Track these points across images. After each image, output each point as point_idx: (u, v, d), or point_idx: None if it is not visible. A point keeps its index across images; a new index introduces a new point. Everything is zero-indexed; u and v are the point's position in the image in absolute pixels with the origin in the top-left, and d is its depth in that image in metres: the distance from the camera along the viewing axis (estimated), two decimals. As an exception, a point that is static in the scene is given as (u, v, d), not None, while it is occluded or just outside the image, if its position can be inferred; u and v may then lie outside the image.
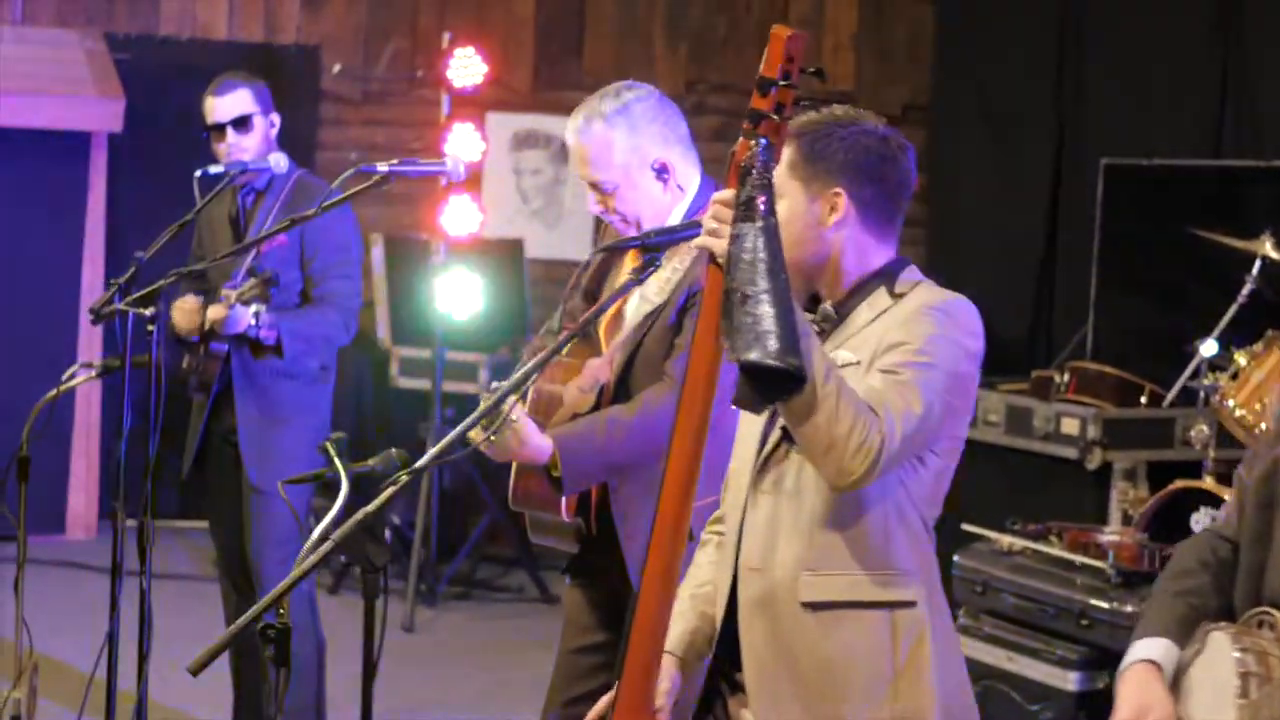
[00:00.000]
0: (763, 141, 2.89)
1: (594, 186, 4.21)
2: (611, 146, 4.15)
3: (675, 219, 4.18)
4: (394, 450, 3.63)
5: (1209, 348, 6.46)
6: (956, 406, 3.18)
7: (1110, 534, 5.99)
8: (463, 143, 8.26)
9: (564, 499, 4.17)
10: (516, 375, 3.55)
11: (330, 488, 3.67)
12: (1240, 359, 6.16)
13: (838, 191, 3.22)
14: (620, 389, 4.19)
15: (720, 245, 2.93)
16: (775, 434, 3.23)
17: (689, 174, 4.24)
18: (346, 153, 9.12)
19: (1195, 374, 6.71)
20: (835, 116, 3.27)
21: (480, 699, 7.08)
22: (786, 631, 3.20)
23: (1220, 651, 2.57)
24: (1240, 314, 6.82)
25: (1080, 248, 8.44)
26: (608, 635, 4.30)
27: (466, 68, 8.26)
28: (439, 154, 8.02)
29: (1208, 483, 5.99)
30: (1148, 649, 2.72)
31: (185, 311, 5.54)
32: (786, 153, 3.19)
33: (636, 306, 4.16)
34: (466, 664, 7.54)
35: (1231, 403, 6.08)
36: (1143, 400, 7.28)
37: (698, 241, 3.00)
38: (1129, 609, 5.52)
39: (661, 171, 4.18)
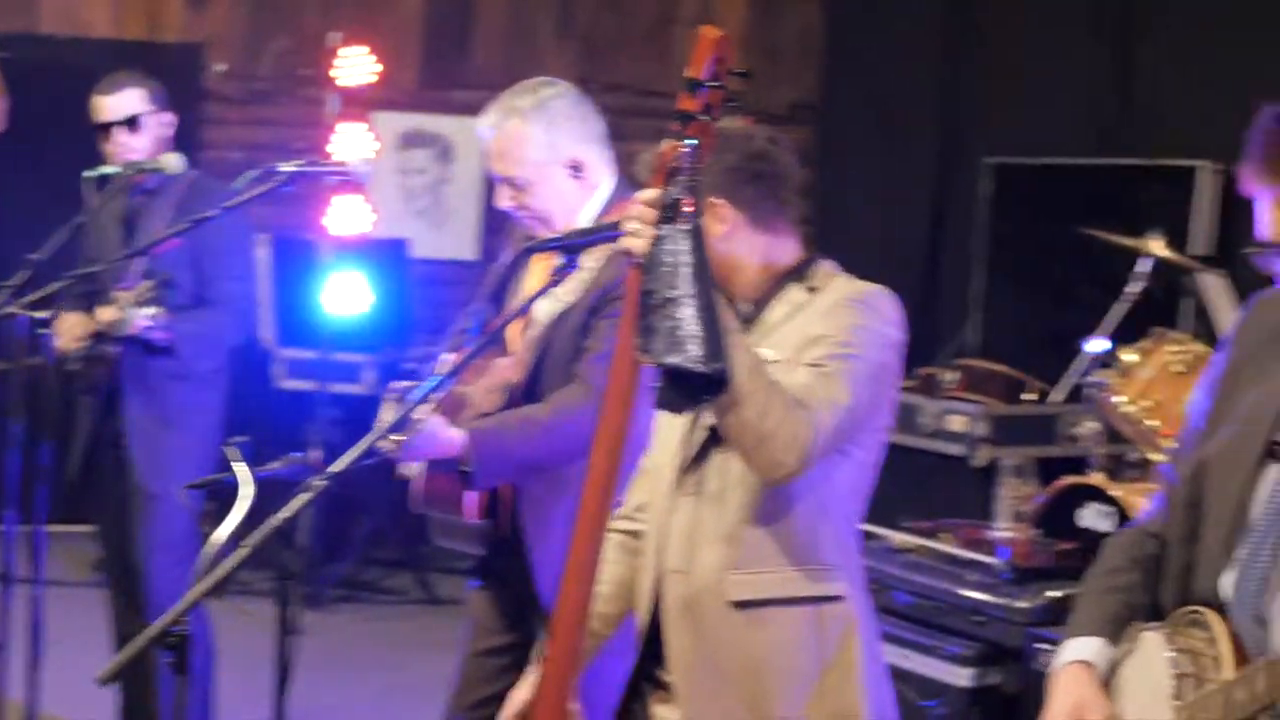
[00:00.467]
0: (691, 143, 2.88)
1: (507, 182, 4.18)
2: (527, 142, 4.13)
3: (587, 217, 4.17)
4: (299, 452, 3.60)
5: (1097, 345, 6.51)
6: (881, 396, 3.20)
7: (1002, 530, 6.01)
8: (351, 142, 8.18)
9: (470, 501, 4.14)
10: (433, 378, 3.51)
11: (221, 491, 3.64)
12: (1128, 356, 6.22)
13: (718, 201, 3.23)
14: (529, 390, 4.16)
15: (641, 246, 2.92)
16: (698, 436, 3.22)
17: (603, 173, 4.23)
18: (229, 153, 9.01)
19: (1084, 371, 6.78)
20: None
21: (372, 702, 7.04)
22: (715, 632, 3.20)
23: (1153, 652, 2.57)
24: (1129, 312, 6.89)
25: (967, 246, 8.51)
26: (514, 637, 4.29)
27: (356, 67, 8.19)
28: (325, 154, 7.96)
29: (1096, 479, 6.03)
30: (1081, 649, 2.71)
31: (69, 329, 5.45)
32: None
33: (547, 307, 4.14)
34: (355, 667, 7.49)
35: (1120, 399, 6.13)
36: (1030, 397, 7.33)
37: (620, 243, 2.98)
38: (1021, 605, 5.55)
39: (576, 169, 4.17)
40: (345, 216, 8.19)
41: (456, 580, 8.72)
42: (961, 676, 5.57)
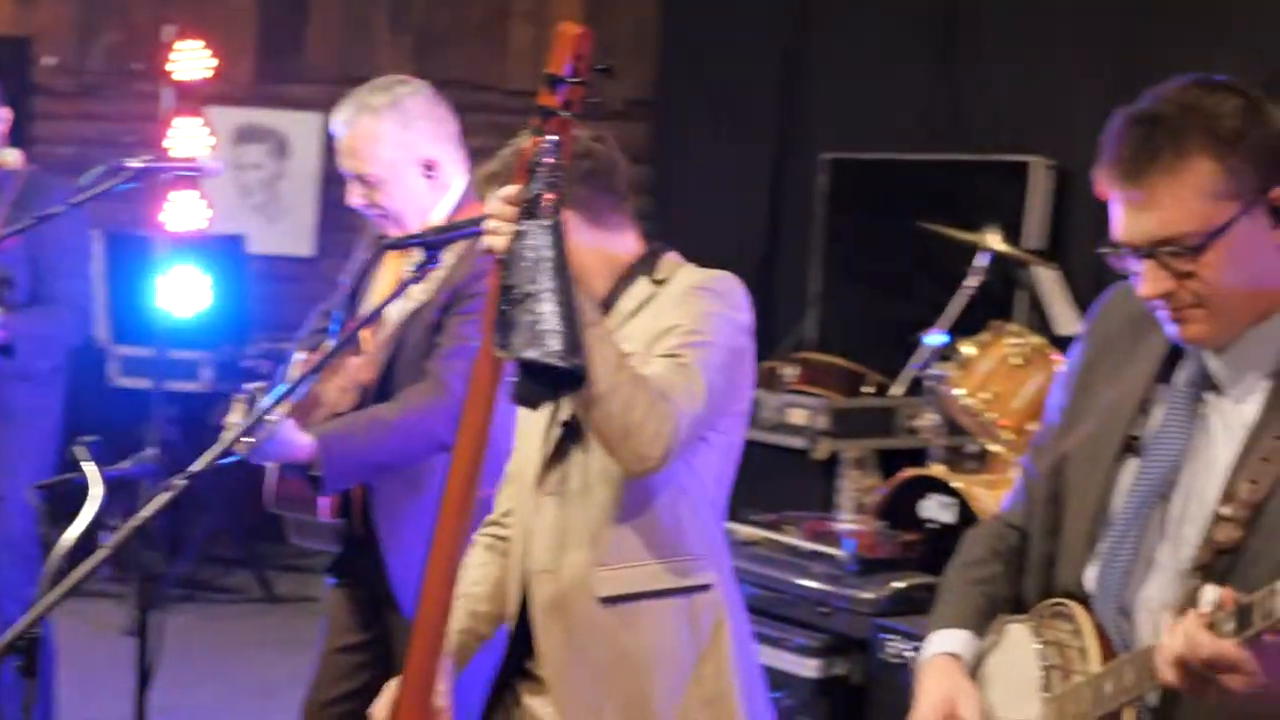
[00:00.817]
0: (551, 139, 2.88)
1: (359, 179, 4.16)
2: (379, 140, 4.12)
3: (439, 216, 4.16)
4: (148, 451, 3.56)
5: (936, 338, 6.60)
6: (737, 381, 3.22)
7: (847, 522, 6.08)
8: (186, 137, 8.07)
9: (323, 500, 4.12)
10: (290, 380, 3.49)
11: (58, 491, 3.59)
12: (967, 349, 6.31)
13: None
14: (382, 388, 4.15)
15: (501, 244, 2.91)
16: (556, 434, 3.22)
17: (455, 171, 4.22)
18: (60, 148, 8.87)
19: (923, 364, 6.86)
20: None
21: (212, 702, 6.96)
22: (585, 631, 3.21)
23: (1020, 644, 2.60)
24: (966, 305, 6.99)
25: (804, 240, 8.57)
26: (370, 634, 4.28)
27: (190, 61, 8.07)
28: (159, 149, 7.85)
29: (937, 470, 6.12)
30: (947, 641, 2.72)
31: None
32: None
33: (398, 305, 4.12)
34: (196, 667, 7.40)
35: (959, 392, 6.22)
36: (869, 390, 7.42)
37: (481, 240, 2.98)
38: (867, 596, 5.61)
39: (428, 168, 4.16)
40: (180, 212, 8.08)
41: (296, 578, 8.66)
42: (808, 668, 5.62)
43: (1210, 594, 2.16)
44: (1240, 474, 2.41)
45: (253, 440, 3.82)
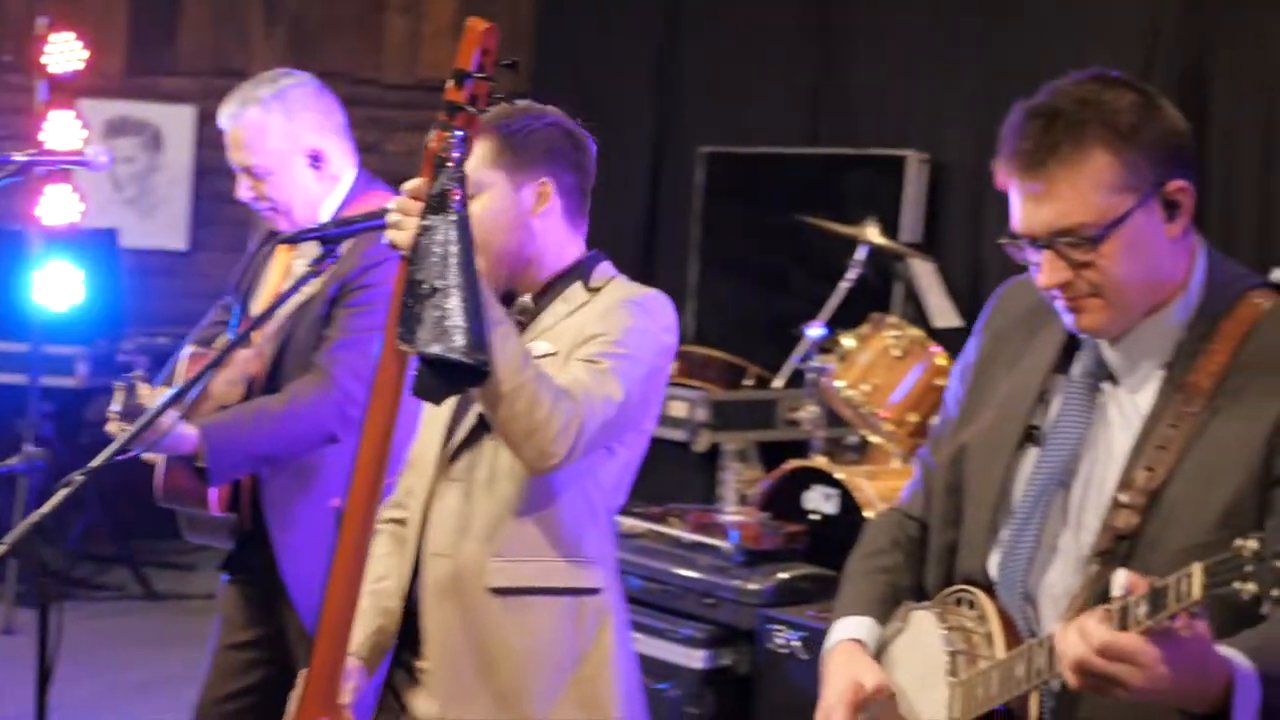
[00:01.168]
0: (459, 133, 2.89)
1: (246, 172, 4.15)
2: (266, 131, 4.11)
3: (328, 209, 4.16)
4: (31, 448, 3.53)
5: (816, 330, 6.66)
6: (650, 398, 3.26)
7: (731, 514, 6.12)
8: (60, 130, 7.98)
9: (213, 494, 4.11)
10: (180, 373, 3.47)
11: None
12: (848, 341, 6.38)
13: (545, 180, 3.28)
14: (270, 381, 4.14)
15: (404, 239, 2.91)
16: (469, 421, 3.23)
17: (344, 164, 4.22)
18: (-76, 142, 8.75)
19: (804, 356, 6.92)
20: (526, 109, 3.32)
21: (92, 701, 6.88)
22: (472, 617, 3.22)
23: (925, 630, 2.64)
24: (846, 298, 7.06)
25: (682, 234, 8.61)
26: (264, 631, 4.27)
27: (63, 53, 7.98)
28: (34, 141, 7.77)
29: (819, 461, 6.18)
30: (851, 628, 2.76)
31: None
32: (484, 146, 3.23)
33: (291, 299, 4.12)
34: (75, 666, 7.30)
35: (840, 384, 6.29)
36: (749, 383, 7.47)
37: (385, 234, 2.98)
38: (753, 587, 5.65)
39: (316, 160, 4.16)
40: (54, 206, 7.98)
41: (175, 575, 8.59)
42: (694, 658, 5.65)
43: (1120, 579, 2.18)
44: (1137, 462, 2.47)
45: (137, 430, 3.81)
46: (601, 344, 3.18)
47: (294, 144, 4.13)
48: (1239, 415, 2.43)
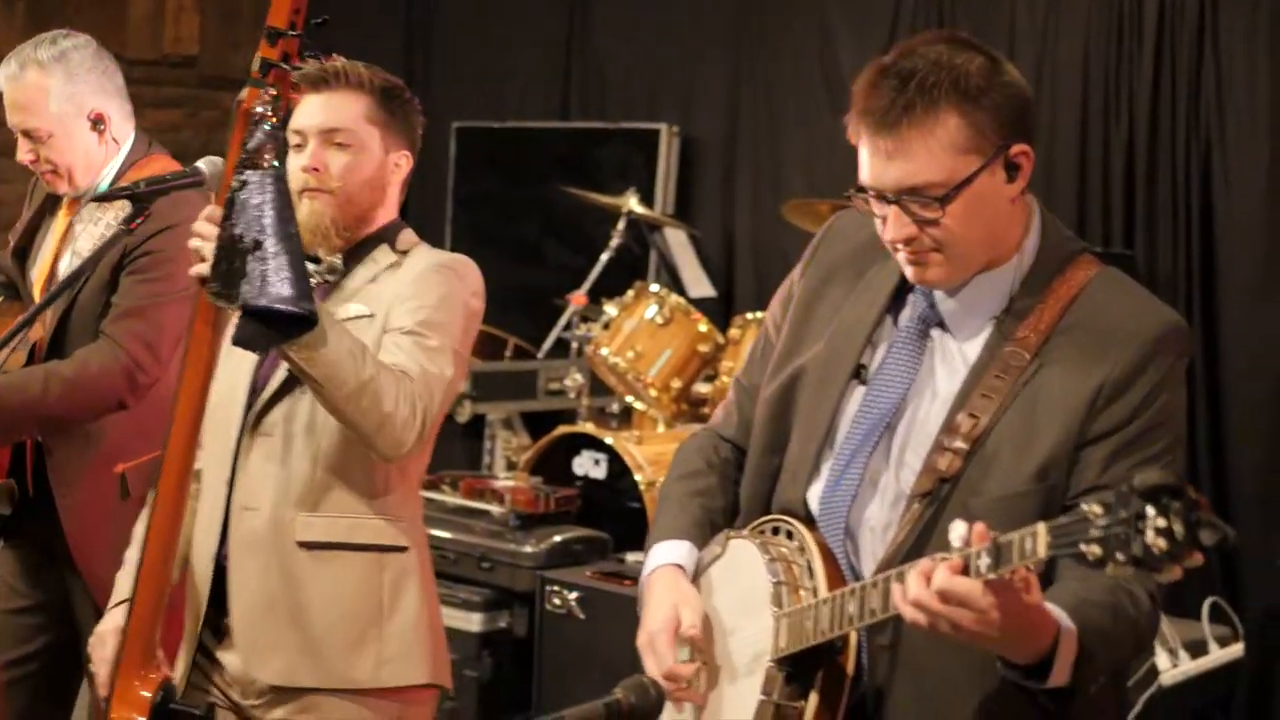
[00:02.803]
0: (272, 91, 2.91)
1: (26, 134, 4.11)
2: (47, 94, 4.07)
3: (109, 172, 4.14)
4: None
5: (578, 300, 6.75)
6: (461, 364, 3.30)
7: (504, 480, 6.19)
8: None
9: (-6, 460, 4.07)
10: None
11: None
12: (611, 309, 6.48)
13: (406, 154, 3.41)
14: (54, 346, 4.10)
15: (203, 270, 2.93)
16: (279, 376, 3.25)
17: (124, 127, 4.21)
18: None
19: (566, 325, 7.01)
20: (400, 84, 3.42)
21: None
22: (279, 571, 3.25)
23: (746, 558, 2.69)
24: (607, 267, 7.16)
25: (437, 210, 8.64)
26: (45, 596, 4.23)
27: None
28: None
29: (588, 427, 6.27)
30: (669, 552, 2.80)
31: None
32: (368, 104, 3.34)
33: (70, 263, 4.10)
34: None
35: (605, 351, 6.39)
36: (509, 354, 7.53)
37: (191, 271, 2.98)
38: (528, 550, 5.73)
39: (97, 122, 4.13)
40: None
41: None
42: (471, 621, 5.72)
43: (960, 529, 2.25)
44: (962, 408, 2.55)
45: None
46: (422, 313, 3.23)
47: (75, 107, 4.10)
48: (1064, 374, 2.53)
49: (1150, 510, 2.00)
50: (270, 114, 2.91)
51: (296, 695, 3.27)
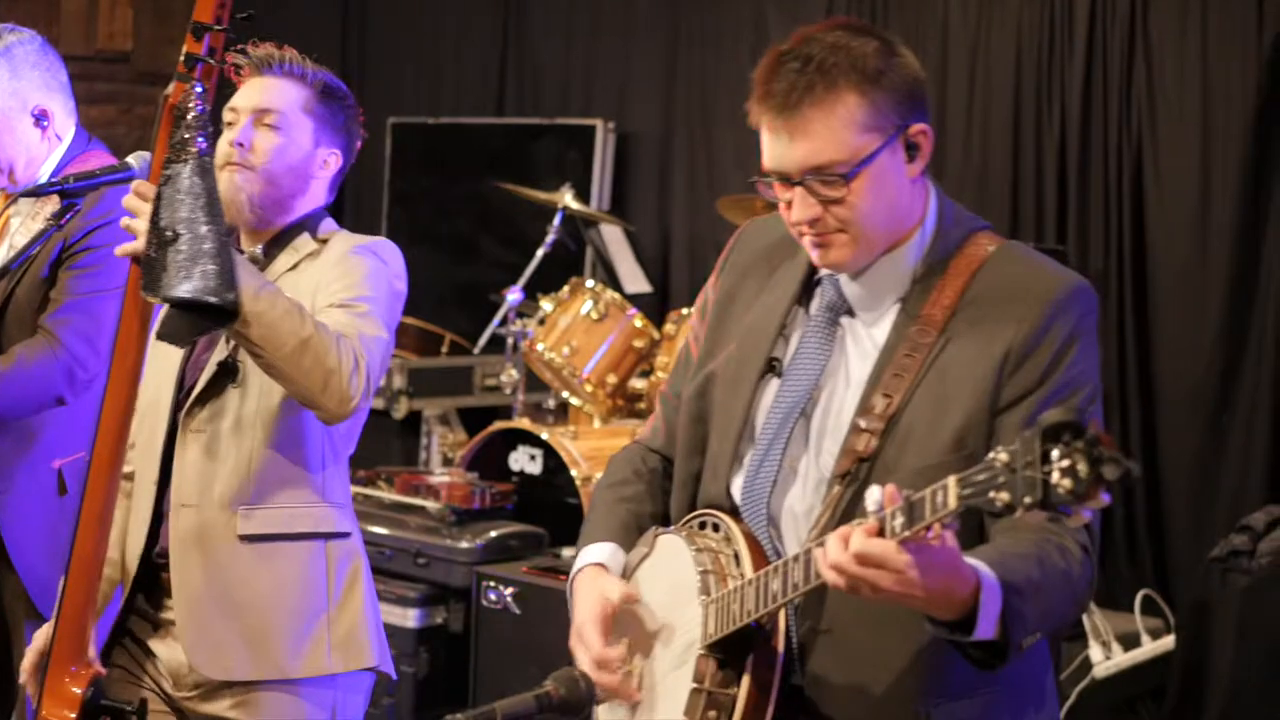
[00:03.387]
0: (198, 85, 2.91)
1: None
2: None
3: (49, 167, 4.12)
4: None
5: (515, 295, 6.75)
6: (394, 340, 3.31)
7: (440, 476, 6.19)
8: None
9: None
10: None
11: None
12: (547, 305, 6.49)
13: (336, 153, 3.42)
14: None
15: (137, 247, 2.93)
16: (207, 371, 3.24)
17: (67, 123, 4.18)
18: None
19: (502, 321, 7.01)
20: (344, 89, 3.47)
21: None
22: (223, 567, 3.24)
23: (673, 552, 2.73)
24: (543, 263, 7.17)
25: (372, 206, 8.63)
26: None
27: None
28: None
29: (523, 423, 6.28)
30: (594, 554, 2.84)
31: None
32: (303, 93, 3.36)
33: (4, 255, 4.07)
34: None
35: (541, 346, 6.40)
36: (444, 350, 7.53)
37: (120, 250, 2.98)
38: (464, 545, 5.74)
39: (41, 118, 4.10)
40: None
41: None
42: (407, 618, 5.72)
43: (875, 494, 2.29)
44: (875, 389, 2.60)
45: None
46: (349, 291, 3.23)
47: (19, 102, 4.07)
48: (970, 346, 2.57)
49: (1055, 452, 2.03)
50: (199, 108, 2.91)
51: (230, 688, 3.26)
